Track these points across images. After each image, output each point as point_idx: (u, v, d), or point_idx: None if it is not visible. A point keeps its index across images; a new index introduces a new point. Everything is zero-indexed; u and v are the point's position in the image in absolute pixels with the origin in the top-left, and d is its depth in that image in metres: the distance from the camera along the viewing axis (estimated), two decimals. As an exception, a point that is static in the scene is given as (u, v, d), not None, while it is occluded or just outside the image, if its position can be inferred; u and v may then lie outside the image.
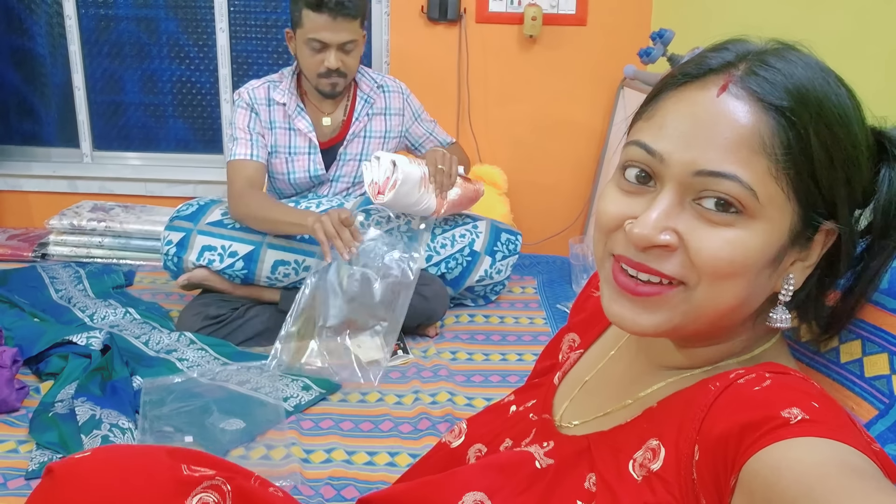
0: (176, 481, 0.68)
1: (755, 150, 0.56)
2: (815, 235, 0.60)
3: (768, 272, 0.60)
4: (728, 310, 0.60)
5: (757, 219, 0.57)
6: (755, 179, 0.56)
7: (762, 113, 0.56)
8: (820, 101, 0.57)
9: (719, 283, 0.58)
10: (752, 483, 0.50)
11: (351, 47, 2.01)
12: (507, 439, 0.77)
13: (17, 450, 1.50)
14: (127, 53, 2.97)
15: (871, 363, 0.72)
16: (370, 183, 1.90)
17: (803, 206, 0.58)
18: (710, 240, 0.57)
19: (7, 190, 2.97)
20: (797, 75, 0.57)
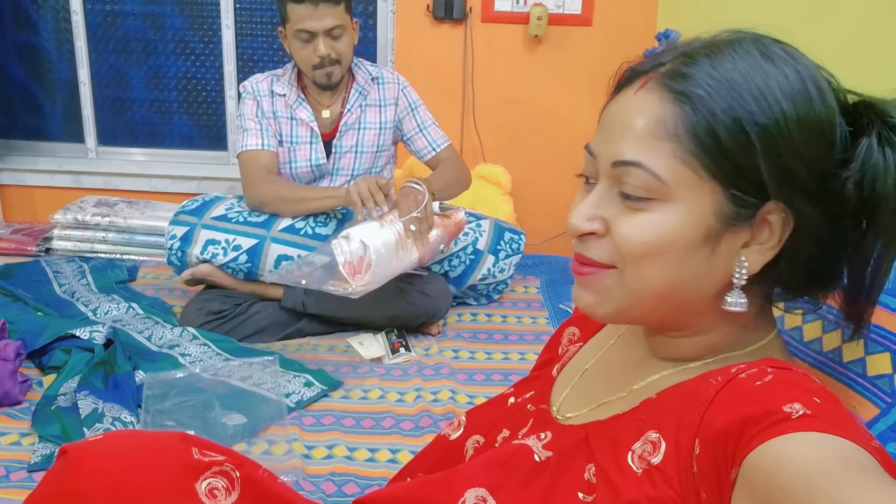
0: (186, 465, 0.69)
1: (659, 137, 0.59)
2: (769, 217, 0.60)
3: (704, 254, 0.60)
4: (662, 291, 0.62)
5: (669, 201, 0.60)
6: (660, 164, 0.59)
7: (669, 101, 0.60)
8: (734, 84, 0.58)
9: (640, 264, 0.61)
10: (753, 477, 0.50)
11: (338, 32, 2.01)
12: (504, 429, 0.77)
13: (20, 442, 1.50)
14: (133, 49, 2.98)
15: (873, 362, 0.72)
16: (343, 263, 1.72)
17: (723, 184, 0.59)
18: (627, 224, 0.61)
19: (12, 184, 2.98)
20: (718, 64, 0.59)
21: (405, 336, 2.01)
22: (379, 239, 1.75)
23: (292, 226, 2.02)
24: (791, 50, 0.62)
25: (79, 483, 0.65)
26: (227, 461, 0.72)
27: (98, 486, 0.65)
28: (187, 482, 0.68)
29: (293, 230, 2.02)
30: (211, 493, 0.69)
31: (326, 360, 1.90)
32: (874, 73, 1.54)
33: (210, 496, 0.68)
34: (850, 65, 1.60)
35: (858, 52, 1.63)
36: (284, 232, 2.01)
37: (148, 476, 0.67)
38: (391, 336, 2.00)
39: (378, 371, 1.85)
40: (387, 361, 1.90)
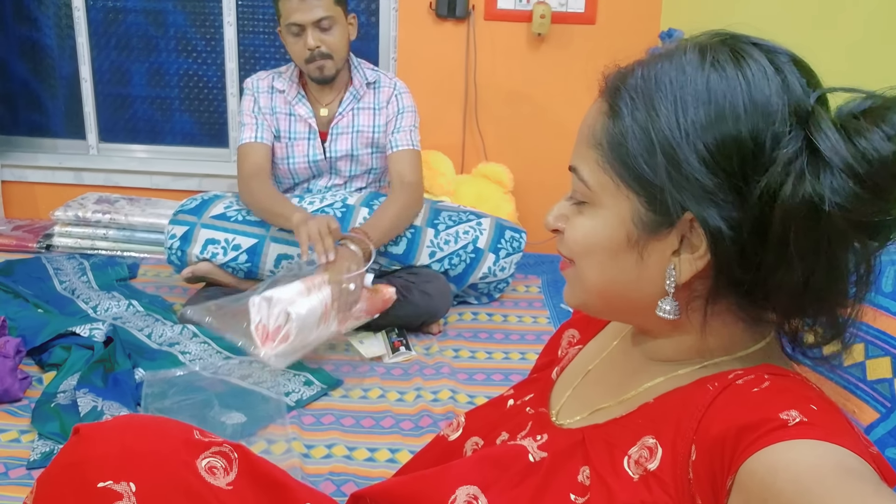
0: (187, 443, 0.72)
1: (590, 145, 0.64)
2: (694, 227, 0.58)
3: (631, 258, 0.63)
4: (602, 287, 0.66)
5: (596, 206, 0.64)
6: (588, 170, 0.64)
7: (603, 112, 0.63)
8: (654, 99, 0.59)
9: (581, 261, 0.66)
10: (749, 484, 0.50)
11: (327, 24, 1.99)
12: (503, 432, 0.78)
13: (20, 439, 1.50)
14: (134, 46, 2.98)
15: (873, 367, 0.71)
16: (257, 323, 1.61)
17: (637, 192, 0.60)
18: (570, 224, 0.67)
19: (13, 181, 2.98)
20: (648, 76, 0.61)
21: (406, 335, 2.01)
22: (304, 308, 1.62)
23: None
24: (748, 52, 0.58)
25: (89, 455, 0.70)
26: (226, 443, 0.75)
27: (106, 458, 0.69)
28: (189, 458, 0.71)
29: (293, 230, 2.01)
30: (210, 470, 0.71)
31: (326, 358, 1.89)
32: (882, 71, 1.54)
33: (209, 473, 0.71)
34: (857, 62, 1.59)
35: (866, 50, 1.62)
36: (284, 231, 2.01)
37: (153, 450, 0.71)
38: (392, 335, 2.00)
39: (378, 370, 1.85)
40: (387, 360, 1.89)
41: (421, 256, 2.09)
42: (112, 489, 0.66)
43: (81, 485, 0.67)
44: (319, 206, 2.06)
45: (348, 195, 2.12)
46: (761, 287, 0.59)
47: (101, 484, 0.66)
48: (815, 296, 0.58)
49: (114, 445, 0.70)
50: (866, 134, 0.53)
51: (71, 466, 0.69)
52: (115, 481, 0.66)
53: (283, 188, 2.21)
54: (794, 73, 0.58)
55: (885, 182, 0.52)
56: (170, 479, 0.69)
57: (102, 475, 0.67)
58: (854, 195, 0.52)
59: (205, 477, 0.70)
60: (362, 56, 2.92)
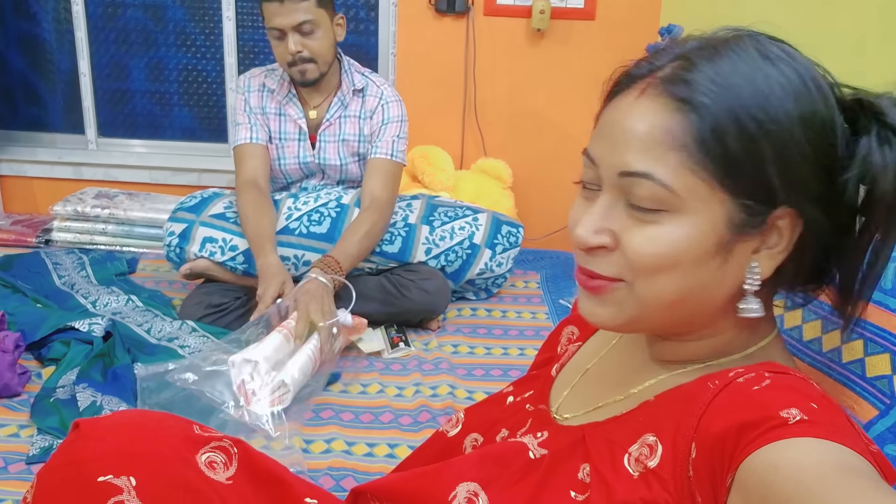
0: (187, 438, 0.72)
1: (668, 147, 0.58)
2: (778, 222, 0.59)
3: (716, 263, 0.60)
4: (675, 301, 0.61)
5: (681, 212, 0.58)
6: (670, 175, 0.58)
7: (675, 110, 0.58)
8: (738, 90, 0.57)
9: (653, 277, 0.60)
10: (749, 481, 0.50)
11: (309, 28, 1.94)
12: (503, 429, 0.78)
13: (19, 434, 1.50)
14: (133, 41, 2.97)
15: (872, 363, 0.72)
16: (238, 385, 1.55)
17: (733, 194, 0.58)
18: (638, 237, 0.60)
19: (12, 175, 2.98)
20: (719, 68, 0.58)
21: (405, 331, 2.01)
22: (297, 371, 1.58)
23: (287, 227, 2.02)
24: (787, 48, 0.61)
25: (89, 450, 0.69)
26: (226, 437, 0.75)
27: (106, 452, 0.69)
28: (189, 454, 0.71)
29: (288, 231, 2.01)
30: (210, 465, 0.71)
31: (326, 354, 1.89)
32: (881, 70, 1.54)
33: (209, 468, 0.71)
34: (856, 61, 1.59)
35: (865, 48, 1.62)
36: (280, 233, 2.01)
37: (153, 445, 0.70)
38: (391, 331, 2.00)
39: (377, 365, 1.85)
40: (386, 356, 1.90)
41: (417, 253, 2.09)
42: (112, 483, 0.66)
43: (81, 479, 0.68)
44: (314, 205, 2.06)
45: (343, 192, 2.11)
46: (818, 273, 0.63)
47: (101, 478, 0.66)
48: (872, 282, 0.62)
49: (113, 441, 0.70)
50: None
51: (71, 462, 0.70)
52: (116, 475, 0.67)
53: (277, 187, 2.21)
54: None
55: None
56: (169, 474, 0.69)
57: (102, 470, 0.67)
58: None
59: (204, 472, 0.71)
60: (362, 51, 2.93)
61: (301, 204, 2.07)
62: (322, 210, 2.05)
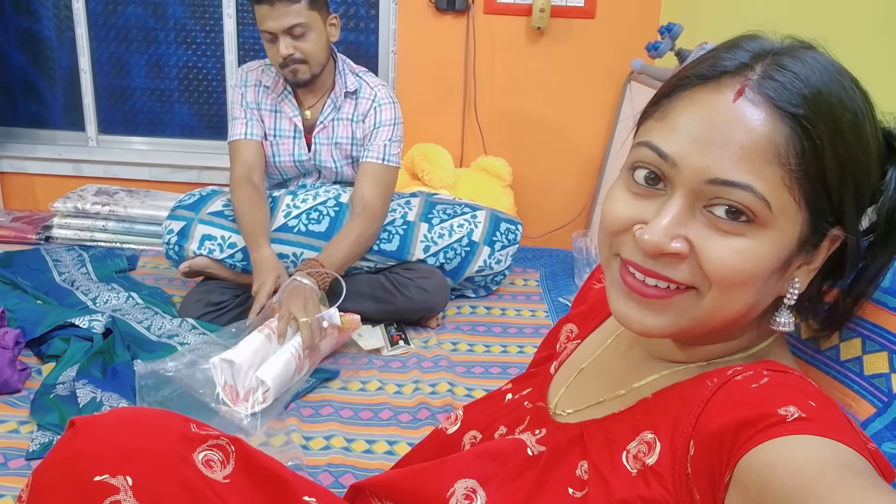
0: (184, 437, 0.71)
1: (769, 160, 0.55)
2: (822, 241, 0.60)
3: (776, 278, 0.60)
4: (738, 315, 0.60)
5: (768, 228, 0.56)
6: (769, 189, 0.55)
7: (778, 121, 0.55)
8: (834, 108, 0.56)
9: (730, 291, 0.58)
10: (747, 479, 0.50)
11: (300, 31, 1.94)
12: (501, 426, 0.78)
13: (19, 430, 1.51)
14: (134, 38, 2.97)
15: (870, 361, 0.72)
16: (223, 385, 1.56)
17: (813, 215, 0.57)
18: (721, 249, 0.56)
19: (12, 172, 2.98)
20: (813, 80, 0.56)
21: (404, 329, 2.01)
22: (277, 370, 1.57)
23: (286, 224, 2.02)
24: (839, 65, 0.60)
25: (85, 449, 0.69)
26: (223, 435, 0.74)
27: (103, 451, 0.68)
28: (186, 452, 0.70)
29: (287, 229, 2.02)
30: (207, 464, 0.71)
31: (325, 351, 1.90)
32: (881, 66, 1.53)
33: (206, 466, 0.70)
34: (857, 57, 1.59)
35: (866, 44, 1.62)
36: (278, 231, 2.01)
37: (150, 444, 0.70)
38: (390, 329, 2.00)
39: (377, 363, 1.85)
40: (385, 353, 1.90)
41: (415, 251, 2.09)
42: (108, 483, 0.66)
43: (77, 478, 0.67)
44: (313, 203, 2.06)
45: (342, 191, 2.11)
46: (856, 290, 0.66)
47: (97, 478, 0.66)
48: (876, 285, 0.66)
49: (110, 439, 0.70)
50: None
51: (67, 461, 0.69)
52: (112, 475, 0.66)
53: (273, 183, 2.21)
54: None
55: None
56: (166, 473, 0.68)
57: (99, 469, 0.67)
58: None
59: (202, 470, 0.70)
60: (362, 49, 2.94)
61: (300, 202, 2.07)
62: (321, 208, 2.05)
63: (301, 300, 1.70)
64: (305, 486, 0.76)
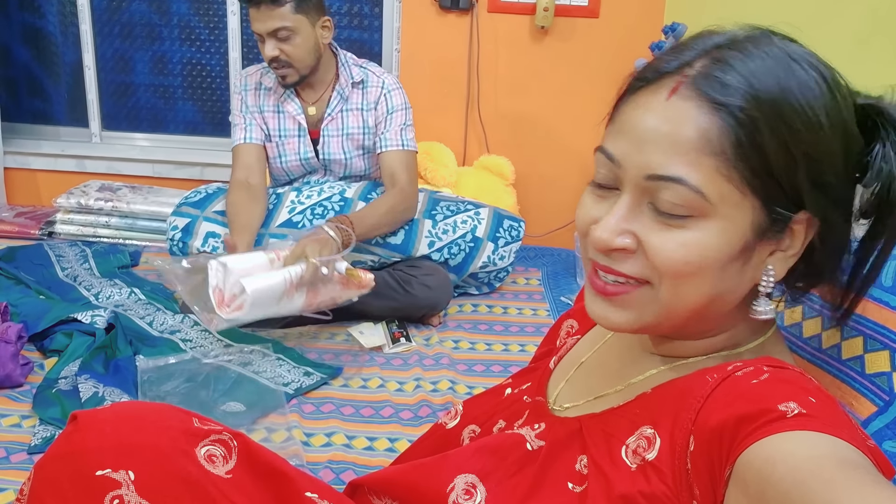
0: (186, 432, 0.71)
1: (703, 151, 0.56)
2: (793, 226, 0.60)
3: (737, 267, 0.60)
4: (699, 306, 0.61)
5: (711, 218, 0.57)
6: (703, 180, 0.56)
7: (711, 113, 0.56)
8: (775, 96, 0.56)
9: (681, 282, 0.59)
10: (747, 474, 0.51)
11: (285, 34, 1.94)
12: (500, 420, 0.78)
13: (21, 424, 1.51)
14: (138, 34, 2.98)
15: (872, 360, 0.72)
16: (214, 287, 1.59)
17: (763, 200, 0.58)
18: (666, 242, 0.58)
19: (15, 167, 2.98)
20: (753, 70, 0.57)
21: (406, 326, 2.02)
22: (262, 284, 1.57)
23: (290, 220, 2.03)
24: (807, 50, 0.60)
25: (87, 443, 0.69)
26: (226, 430, 0.74)
27: (105, 446, 0.68)
28: (188, 447, 0.70)
29: (291, 224, 2.02)
30: (209, 459, 0.71)
31: (327, 348, 1.90)
32: (885, 66, 1.53)
33: (208, 461, 0.70)
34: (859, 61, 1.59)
35: (869, 45, 1.62)
36: (283, 227, 2.01)
37: (152, 438, 0.70)
38: (392, 326, 2.00)
39: (378, 360, 1.85)
40: (387, 351, 1.90)
41: (420, 247, 2.09)
42: (110, 477, 0.66)
43: (79, 472, 0.67)
44: (317, 199, 2.06)
45: (346, 186, 2.12)
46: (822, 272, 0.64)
47: (99, 472, 0.66)
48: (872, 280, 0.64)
49: (112, 434, 0.70)
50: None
51: (69, 455, 0.69)
52: (114, 469, 0.66)
53: (280, 184, 2.22)
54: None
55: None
56: (169, 468, 0.68)
57: (101, 463, 0.67)
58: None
59: (204, 465, 0.70)
60: (365, 47, 2.94)
61: (304, 198, 2.07)
62: (325, 204, 2.05)
63: (318, 244, 1.70)
64: (307, 482, 0.76)
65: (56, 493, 0.67)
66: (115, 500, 0.65)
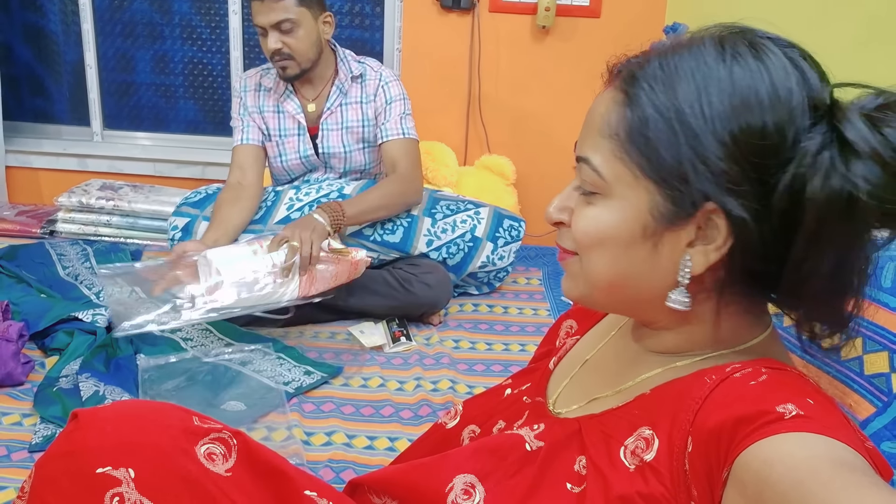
0: (186, 430, 0.72)
1: (604, 135, 0.63)
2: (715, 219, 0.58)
3: (645, 250, 0.62)
4: (611, 280, 0.64)
5: (610, 197, 0.63)
6: (601, 161, 0.63)
7: (619, 102, 0.62)
8: (675, 86, 0.59)
9: (589, 252, 0.65)
10: (745, 475, 0.51)
11: (288, 27, 1.94)
12: (500, 421, 0.78)
13: (22, 423, 1.51)
14: (139, 33, 2.98)
15: (870, 361, 0.72)
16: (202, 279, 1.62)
17: (658, 184, 0.60)
18: (578, 216, 0.65)
19: (17, 166, 2.98)
20: (666, 64, 0.60)
21: (406, 325, 2.02)
22: (238, 267, 1.58)
23: (288, 217, 2.02)
24: (767, 47, 0.59)
25: (88, 441, 0.69)
26: (226, 429, 0.75)
27: (105, 444, 0.68)
28: (188, 445, 0.70)
29: (289, 221, 2.01)
30: (209, 457, 0.71)
31: (327, 347, 1.90)
32: (885, 69, 1.53)
33: (208, 460, 0.71)
34: (860, 60, 1.59)
35: (869, 47, 1.62)
36: (281, 224, 2.01)
37: (152, 437, 0.70)
38: (392, 325, 2.00)
39: (378, 359, 1.85)
40: (387, 350, 1.90)
41: (418, 245, 2.09)
42: (111, 475, 0.66)
43: (80, 470, 0.67)
44: (316, 196, 2.06)
45: (345, 184, 2.12)
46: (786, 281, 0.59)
47: (99, 470, 0.66)
48: (840, 288, 0.58)
49: (112, 431, 0.70)
50: (891, 123, 0.54)
51: (69, 453, 0.69)
52: (114, 467, 0.66)
53: (280, 184, 2.22)
54: (809, 68, 0.59)
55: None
56: (169, 466, 0.68)
57: (101, 461, 0.67)
58: (886, 184, 0.53)
59: (204, 463, 0.70)
60: (367, 46, 2.94)
61: (303, 195, 2.07)
62: (323, 200, 2.05)
63: (301, 229, 1.71)
64: (307, 481, 0.77)
65: (57, 490, 0.68)
66: (115, 497, 0.65)
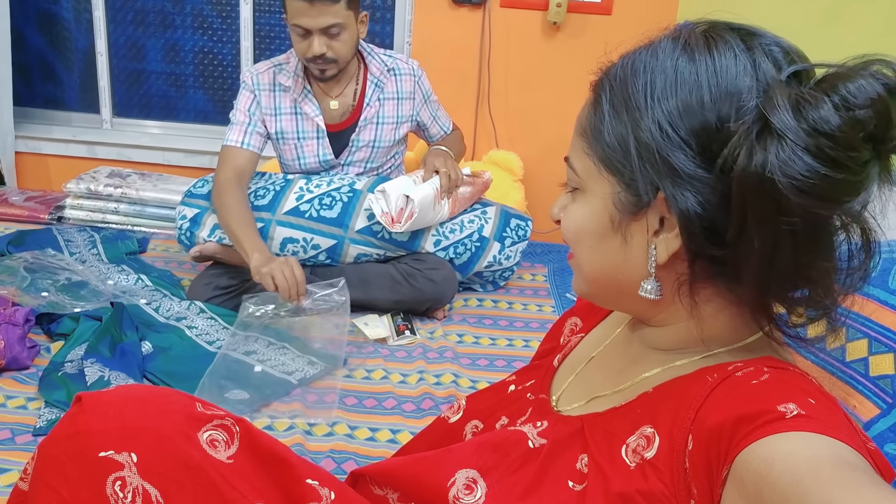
0: (189, 416, 0.72)
1: (578, 133, 0.67)
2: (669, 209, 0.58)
3: (617, 241, 0.64)
4: (595, 273, 0.67)
5: (585, 192, 0.66)
6: (576, 158, 0.66)
7: (589, 102, 0.66)
8: (628, 82, 0.61)
9: (574, 247, 0.68)
10: (745, 474, 0.51)
11: (336, 31, 1.89)
12: (503, 417, 0.78)
13: (27, 406, 1.52)
14: (150, 21, 2.98)
15: (876, 362, 0.72)
16: (381, 213, 1.94)
17: (615, 176, 0.62)
18: (564, 213, 0.69)
19: (27, 152, 3.00)
20: (630, 63, 0.63)
21: (410, 319, 2.02)
22: (420, 193, 1.94)
23: (297, 208, 2.01)
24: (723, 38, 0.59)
25: (90, 425, 0.69)
26: (228, 416, 0.75)
27: (108, 428, 0.69)
28: (191, 431, 0.71)
29: (298, 213, 2.01)
30: (211, 443, 0.71)
31: (331, 338, 1.90)
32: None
33: (210, 446, 0.71)
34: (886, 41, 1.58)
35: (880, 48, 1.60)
36: (289, 214, 2.01)
37: (154, 422, 0.70)
38: (397, 318, 2.01)
39: (382, 352, 1.86)
40: (391, 343, 1.90)
41: (426, 244, 2.09)
42: (113, 459, 0.66)
43: (82, 453, 0.68)
44: (327, 188, 2.05)
45: (356, 179, 2.11)
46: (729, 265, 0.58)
47: (102, 453, 0.66)
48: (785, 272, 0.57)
49: (115, 415, 0.70)
50: (819, 105, 0.52)
51: (72, 436, 0.70)
52: (117, 451, 0.67)
53: (291, 173, 2.21)
54: (769, 53, 0.58)
55: (837, 153, 0.51)
56: (171, 451, 0.69)
57: (104, 445, 0.67)
58: (809, 168, 0.52)
59: (206, 450, 0.70)
60: (378, 40, 2.94)
61: (314, 186, 2.06)
62: (334, 194, 2.04)
63: (443, 158, 2.06)
64: (308, 469, 0.77)
65: (59, 473, 0.68)
66: (117, 481, 0.66)
